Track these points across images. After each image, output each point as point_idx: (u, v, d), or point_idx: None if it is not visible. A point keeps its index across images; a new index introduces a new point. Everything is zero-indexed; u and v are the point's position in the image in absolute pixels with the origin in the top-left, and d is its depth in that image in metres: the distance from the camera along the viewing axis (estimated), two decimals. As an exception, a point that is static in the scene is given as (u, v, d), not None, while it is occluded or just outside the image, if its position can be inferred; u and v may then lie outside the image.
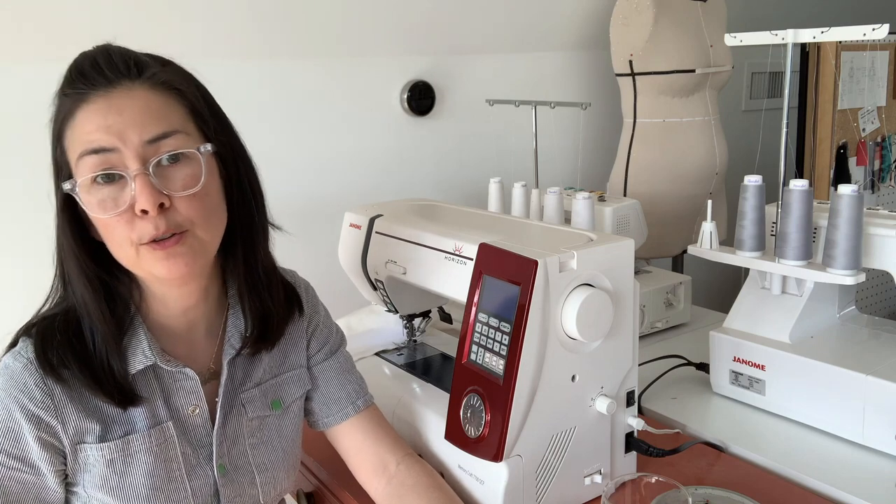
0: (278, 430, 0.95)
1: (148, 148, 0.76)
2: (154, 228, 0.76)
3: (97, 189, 0.76)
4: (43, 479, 0.80)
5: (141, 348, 0.83)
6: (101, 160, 0.75)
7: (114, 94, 0.76)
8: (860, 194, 1.07)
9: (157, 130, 0.76)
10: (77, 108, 0.76)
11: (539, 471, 0.94)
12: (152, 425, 0.83)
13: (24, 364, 0.79)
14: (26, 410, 0.78)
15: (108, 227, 0.77)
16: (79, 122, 0.76)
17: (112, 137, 0.75)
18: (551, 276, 0.88)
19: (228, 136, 0.85)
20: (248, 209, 0.87)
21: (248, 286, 0.90)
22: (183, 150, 0.77)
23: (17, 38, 1.37)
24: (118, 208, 0.76)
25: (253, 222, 0.88)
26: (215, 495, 0.88)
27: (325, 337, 1.02)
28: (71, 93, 0.76)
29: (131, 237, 0.77)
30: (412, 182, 1.91)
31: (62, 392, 0.79)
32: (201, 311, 0.89)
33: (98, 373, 0.81)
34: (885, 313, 2.45)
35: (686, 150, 1.87)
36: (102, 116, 0.75)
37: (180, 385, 0.86)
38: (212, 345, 0.91)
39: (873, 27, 1.03)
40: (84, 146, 0.75)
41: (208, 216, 0.80)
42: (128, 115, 0.75)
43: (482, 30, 1.92)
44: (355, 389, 1.02)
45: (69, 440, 0.80)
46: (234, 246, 0.88)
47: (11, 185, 1.41)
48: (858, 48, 2.25)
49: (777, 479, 1.05)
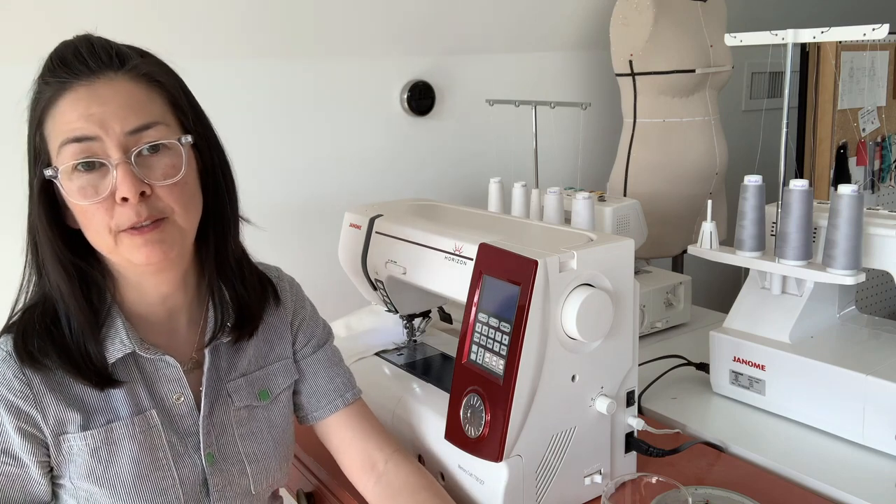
0: (268, 421, 0.96)
1: (129, 138, 0.77)
2: (135, 215, 0.77)
3: (78, 176, 0.77)
4: (27, 471, 0.80)
5: (119, 337, 0.84)
6: (82, 148, 0.76)
7: (96, 83, 0.77)
8: (860, 194, 1.07)
9: (138, 121, 0.78)
10: (59, 97, 0.77)
11: (539, 471, 0.94)
12: (135, 413, 0.84)
13: (3, 357, 0.80)
14: (5, 401, 0.79)
15: (87, 214, 0.78)
16: (61, 110, 0.77)
17: (94, 126, 0.76)
18: (551, 276, 0.88)
19: (204, 127, 0.87)
20: (220, 199, 0.89)
21: (219, 274, 0.91)
22: (164, 141, 0.79)
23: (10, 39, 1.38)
24: (98, 196, 0.77)
25: (225, 212, 0.90)
26: (204, 484, 0.88)
27: (312, 331, 1.03)
28: (52, 81, 0.77)
29: (110, 224, 0.78)
30: (412, 182, 1.91)
31: (41, 382, 0.80)
32: (181, 300, 0.90)
33: (76, 357, 0.81)
34: (885, 313, 2.45)
35: (686, 150, 1.87)
36: (85, 106, 0.76)
37: (162, 373, 0.87)
38: (194, 334, 0.92)
39: (873, 27, 1.03)
40: (66, 134, 0.76)
41: (187, 204, 0.82)
42: (110, 106, 0.77)
43: (482, 30, 1.92)
44: (343, 383, 1.03)
45: (50, 430, 0.80)
46: (206, 235, 0.89)
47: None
48: (858, 48, 2.25)
49: (777, 479, 1.05)
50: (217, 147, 0.89)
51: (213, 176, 0.87)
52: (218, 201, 0.89)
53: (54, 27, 1.38)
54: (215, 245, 0.90)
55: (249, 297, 0.94)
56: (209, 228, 0.89)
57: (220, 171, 0.89)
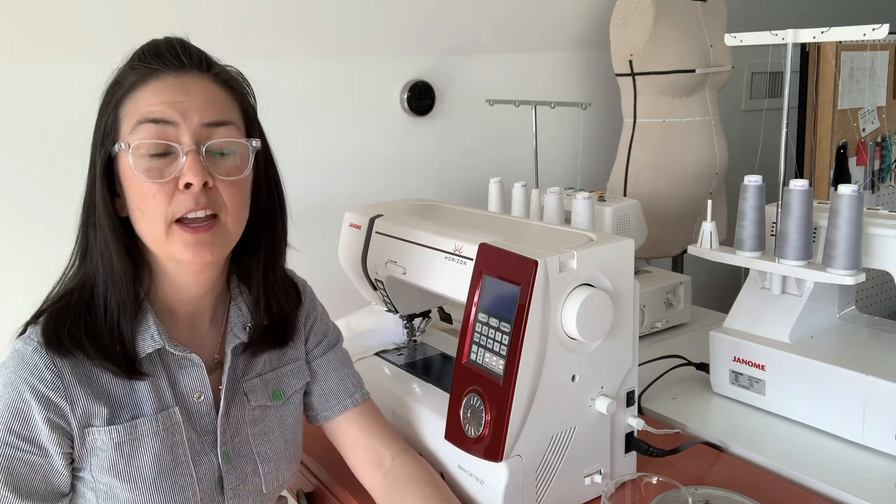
0: (280, 421, 0.97)
1: (204, 130, 0.81)
2: (194, 203, 0.80)
3: (147, 159, 0.80)
4: (50, 461, 0.81)
5: (150, 332, 0.85)
6: (158, 130, 0.79)
7: (184, 77, 0.82)
8: (860, 194, 1.07)
9: (215, 116, 0.82)
10: (146, 81, 0.81)
11: (539, 471, 0.94)
12: (159, 409, 0.85)
13: (35, 347, 0.81)
14: (36, 391, 0.79)
15: (147, 198, 0.80)
16: (146, 92, 0.81)
17: (175, 113, 0.80)
18: (551, 276, 0.88)
19: (264, 140, 0.91)
20: (272, 213, 0.93)
21: (266, 289, 0.94)
22: (235, 140, 0.84)
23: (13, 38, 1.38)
24: (164, 178, 0.80)
25: (276, 227, 0.93)
26: (219, 482, 0.89)
27: (323, 332, 1.05)
28: (141, 67, 0.82)
29: (167, 212, 0.80)
30: (412, 182, 1.91)
31: (72, 373, 0.81)
32: (208, 301, 0.92)
33: (107, 343, 0.83)
34: (885, 313, 2.45)
35: (686, 150, 1.87)
36: (171, 93, 0.80)
37: (186, 372, 0.88)
38: (216, 334, 0.94)
39: (873, 27, 1.03)
40: (146, 115, 0.80)
41: (240, 207, 0.85)
42: (194, 98, 0.81)
43: (482, 30, 1.92)
44: (353, 384, 1.04)
45: (77, 422, 0.81)
46: (257, 247, 0.92)
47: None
48: (858, 48, 2.25)
49: (777, 479, 1.05)
50: (272, 162, 0.92)
51: (266, 188, 0.91)
52: (269, 214, 0.92)
53: (63, 31, 1.38)
54: (265, 258, 0.93)
55: (289, 308, 0.97)
56: (260, 241, 0.92)
57: (274, 185, 0.92)
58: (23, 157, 1.41)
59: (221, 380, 0.91)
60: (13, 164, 1.41)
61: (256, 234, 0.91)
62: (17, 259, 1.42)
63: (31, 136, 1.41)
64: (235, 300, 0.94)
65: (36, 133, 1.41)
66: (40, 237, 1.42)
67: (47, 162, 1.42)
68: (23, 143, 1.41)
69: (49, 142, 1.42)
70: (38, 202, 1.42)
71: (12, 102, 1.39)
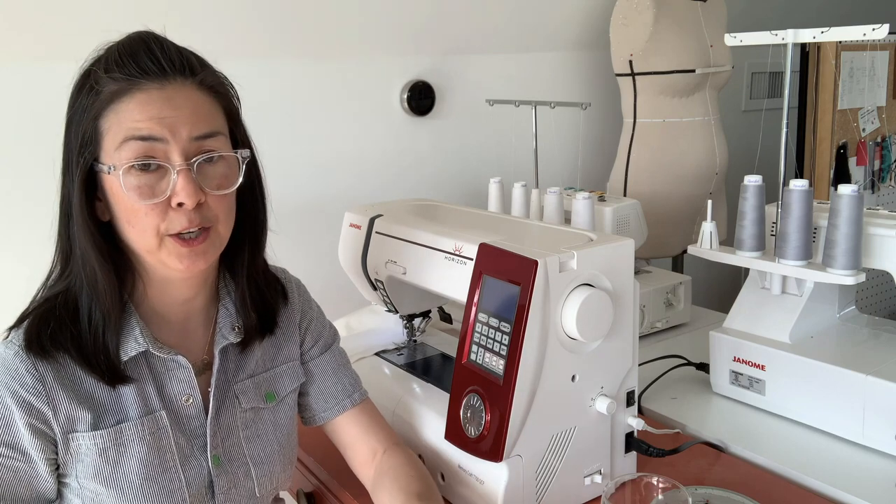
0: (273, 424, 0.96)
1: (192, 144, 0.79)
2: (188, 222, 0.79)
3: (135, 175, 0.78)
4: (34, 467, 0.80)
5: (133, 335, 0.84)
6: (146, 148, 0.77)
7: (168, 87, 0.79)
8: (860, 194, 1.07)
9: (204, 129, 0.80)
10: (127, 93, 0.78)
11: (539, 471, 0.94)
12: (144, 413, 0.84)
13: (16, 351, 0.80)
14: (17, 396, 0.78)
15: (138, 214, 0.79)
16: (131, 106, 0.77)
17: (164, 129, 0.77)
18: (551, 276, 0.88)
19: (249, 142, 0.90)
20: (256, 212, 0.92)
21: (251, 283, 0.93)
22: (225, 153, 0.82)
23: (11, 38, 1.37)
24: (155, 198, 0.78)
25: (258, 224, 0.92)
26: (209, 486, 0.88)
27: (319, 332, 1.04)
28: (120, 76, 0.78)
29: (160, 227, 0.79)
30: (412, 182, 1.91)
31: (54, 378, 0.80)
32: (199, 303, 0.91)
33: (90, 351, 0.82)
34: (885, 313, 2.45)
35: (686, 150, 1.87)
36: (158, 108, 0.78)
37: (173, 374, 0.87)
38: (206, 335, 0.93)
39: (873, 27, 1.03)
40: (132, 132, 0.77)
41: (229, 214, 0.85)
42: (181, 111, 0.79)
43: (482, 30, 1.92)
44: (351, 384, 1.04)
45: (60, 428, 0.80)
46: (242, 245, 0.91)
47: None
48: (858, 48, 2.25)
49: (777, 479, 1.05)
50: (255, 162, 0.91)
51: (250, 189, 0.90)
52: (253, 213, 0.91)
53: (61, 30, 1.39)
54: (250, 255, 0.92)
55: (271, 299, 0.97)
56: (244, 238, 0.91)
57: (258, 184, 0.91)
58: (22, 158, 1.41)
59: (211, 382, 0.90)
60: (11, 165, 1.41)
61: (242, 228, 0.90)
62: (17, 259, 1.42)
63: (26, 137, 1.41)
64: (223, 300, 0.93)
65: (30, 133, 1.41)
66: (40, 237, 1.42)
67: (47, 162, 1.42)
68: (23, 144, 1.41)
69: (49, 142, 1.42)
70: (38, 202, 1.42)
71: (10, 103, 1.39)
